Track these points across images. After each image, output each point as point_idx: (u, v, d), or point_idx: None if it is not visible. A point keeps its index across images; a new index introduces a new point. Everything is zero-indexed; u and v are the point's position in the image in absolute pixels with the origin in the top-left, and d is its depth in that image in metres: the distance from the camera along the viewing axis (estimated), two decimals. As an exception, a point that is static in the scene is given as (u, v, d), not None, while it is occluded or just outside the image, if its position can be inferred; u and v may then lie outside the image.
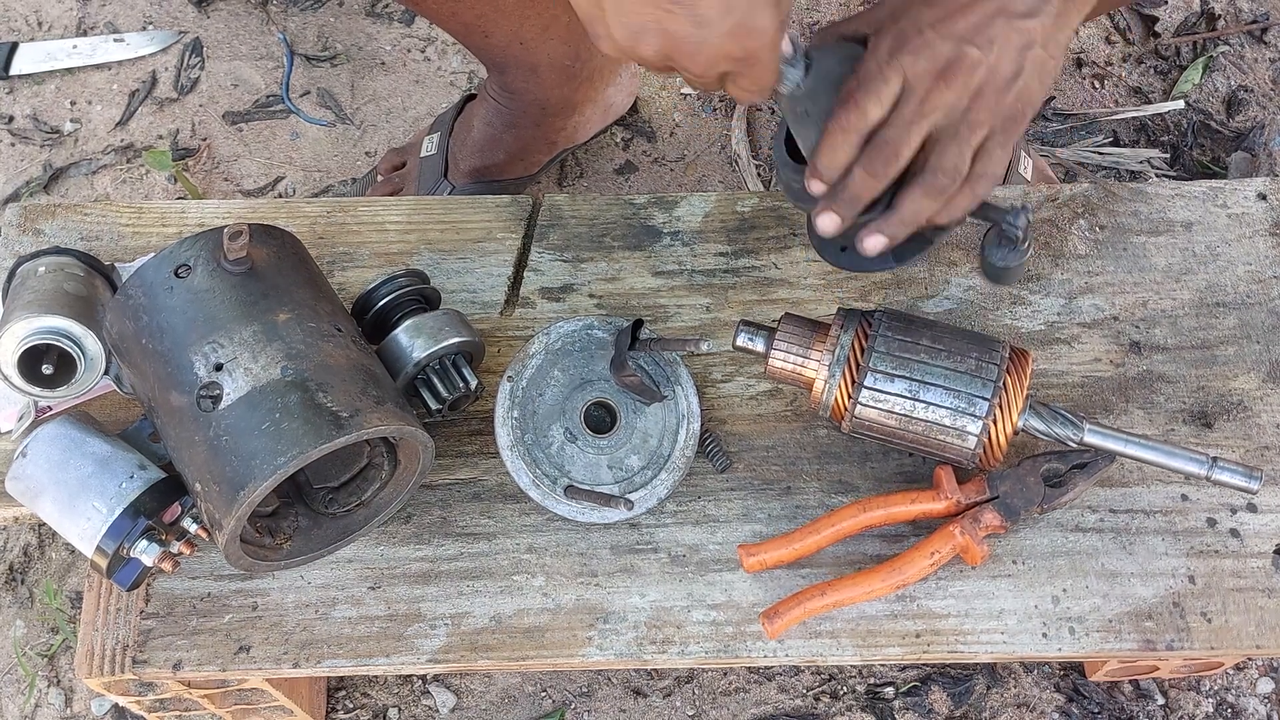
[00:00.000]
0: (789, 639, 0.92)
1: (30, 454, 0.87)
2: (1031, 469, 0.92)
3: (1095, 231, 1.04)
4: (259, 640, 0.92)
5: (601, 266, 1.04)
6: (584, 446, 0.96)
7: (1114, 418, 0.98)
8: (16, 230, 1.06)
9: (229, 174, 1.55)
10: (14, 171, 1.55)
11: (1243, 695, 1.29)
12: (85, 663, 0.92)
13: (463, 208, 1.07)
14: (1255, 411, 0.98)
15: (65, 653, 1.32)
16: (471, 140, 1.42)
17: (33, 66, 1.59)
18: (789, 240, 1.05)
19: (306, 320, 0.86)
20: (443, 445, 0.98)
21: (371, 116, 1.58)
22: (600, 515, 0.94)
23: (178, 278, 0.86)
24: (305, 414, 0.81)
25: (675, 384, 0.97)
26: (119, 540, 0.84)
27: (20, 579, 1.36)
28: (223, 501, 0.81)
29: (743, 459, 0.97)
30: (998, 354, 0.89)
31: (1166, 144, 1.54)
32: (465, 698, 1.30)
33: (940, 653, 0.92)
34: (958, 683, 1.29)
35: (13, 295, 0.93)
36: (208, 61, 1.61)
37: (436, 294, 0.97)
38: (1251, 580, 0.93)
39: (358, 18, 1.63)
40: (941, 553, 0.90)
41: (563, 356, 0.98)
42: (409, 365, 0.91)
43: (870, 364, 0.88)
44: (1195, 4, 1.61)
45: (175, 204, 1.08)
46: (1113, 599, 0.93)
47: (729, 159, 1.54)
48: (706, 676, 1.30)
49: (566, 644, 0.92)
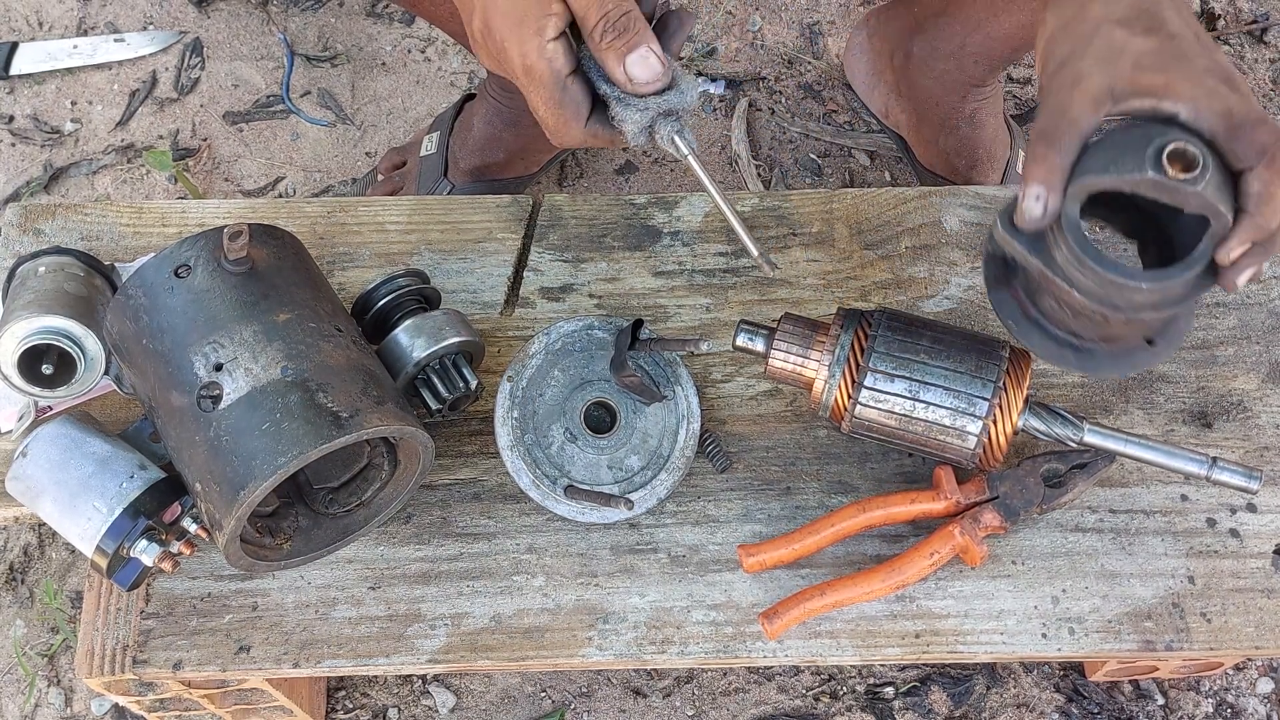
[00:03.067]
0: (789, 639, 0.92)
1: (30, 454, 0.87)
2: (1031, 469, 0.92)
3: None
4: (259, 640, 0.92)
5: (601, 267, 1.04)
6: (584, 446, 0.96)
7: (1114, 418, 0.98)
8: (17, 230, 1.06)
9: (229, 174, 1.55)
10: (14, 171, 1.56)
11: (1242, 695, 1.29)
12: (85, 663, 0.92)
13: (463, 208, 1.07)
14: (1255, 412, 0.98)
15: (65, 653, 1.32)
16: (472, 139, 1.42)
17: (33, 66, 1.59)
18: (789, 240, 1.05)
19: (307, 320, 0.86)
20: (443, 445, 0.98)
21: (372, 117, 1.58)
22: (600, 515, 0.94)
23: (178, 278, 0.86)
24: (305, 414, 0.81)
25: (675, 384, 0.97)
26: (119, 540, 0.84)
27: (20, 579, 1.36)
28: (223, 501, 0.81)
29: (742, 459, 0.98)
30: (998, 354, 0.89)
31: (1166, 144, 1.54)
32: (465, 698, 1.30)
33: (940, 653, 0.92)
34: (957, 683, 1.29)
35: (13, 295, 0.93)
36: (208, 61, 1.61)
37: (436, 294, 0.97)
38: (1251, 580, 0.93)
39: (358, 18, 1.63)
40: (941, 553, 0.90)
41: (563, 356, 0.98)
42: (409, 365, 0.91)
43: (870, 364, 0.88)
44: (1195, 4, 1.61)
45: (176, 204, 1.08)
46: (1112, 599, 0.93)
47: (729, 159, 1.54)
48: (706, 676, 1.30)
49: (566, 644, 0.92)
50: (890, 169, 1.54)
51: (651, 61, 0.77)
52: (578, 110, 0.80)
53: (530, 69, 0.78)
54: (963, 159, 1.41)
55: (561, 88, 0.79)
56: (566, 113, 0.80)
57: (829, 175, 1.54)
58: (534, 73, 0.78)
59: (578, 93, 0.80)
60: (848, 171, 1.54)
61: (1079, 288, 0.78)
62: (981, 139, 1.39)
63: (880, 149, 1.54)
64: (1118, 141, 0.77)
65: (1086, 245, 0.77)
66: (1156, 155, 0.75)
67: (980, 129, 1.38)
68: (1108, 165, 0.76)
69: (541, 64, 0.78)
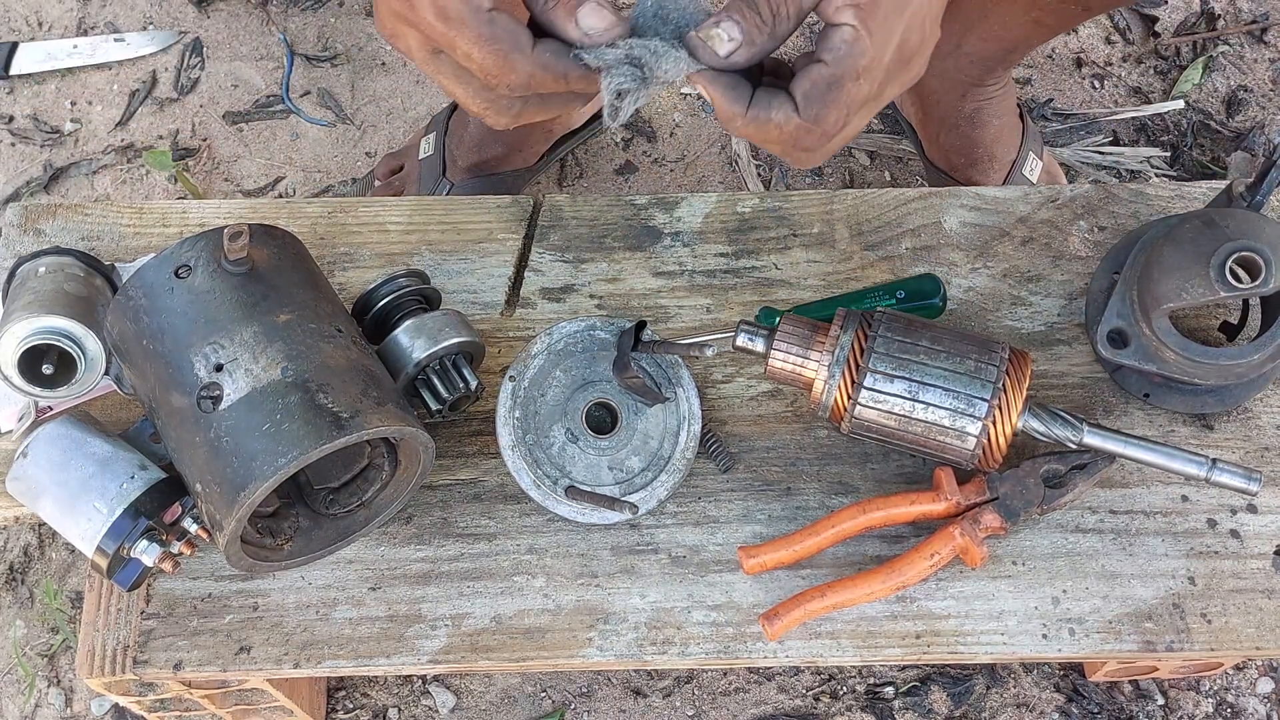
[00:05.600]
0: (789, 640, 0.92)
1: (31, 454, 0.87)
2: (1031, 470, 0.92)
3: (1095, 232, 1.04)
4: (259, 641, 0.92)
5: (602, 267, 1.04)
6: (585, 447, 0.96)
7: (1114, 419, 0.98)
8: (17, 230, 1.06)
9: (229, 174, 1.55)
10: (14, 171, 1.56)
11: (1242, 695, 1.29)
12: (86, 663, 0.92)
13: (464, 208, 1.07)
14: (1255, 413, 0.98)
15: (65, 653, 1.32)
16: (468, 136, 1.42)
17: (33, 66, 1.59)
18: (789, 241, 1.05)
19: (307, 321, 0.86)
20: (443, 446, 0.98)
21: (372, 117, 1.58)
22: (601, 516, 0.94)
23: (178, 278, 0.86)
24: (306, 415, 0.81)
25: (677, 385, 0.97)
26: (119, 541, 0.84)
27: (20, 579, 1.36)
28: (223, 502, 0.81)
29: (743, 460, 0.97)
30: (997, 355, 0.89)
31: (1166, 144, 1.54)
32: (465, 698, 1.30)
33: (940, 654, 0.92)
34: (957, 683, 1.29)
35: (13, 295, 0.93)
36: (208, 61, 1.61)
37: (437, 294, 0.97)
38: (1252, 581, 0.93)
39: (358, 18, 1.63)
40: (941, 554, 0.90)
41: (565, 357, 0.98)
42: (409, 366, 0.91)
43: (870, 364, 0.88)
44: (1195, 4, 1.61)
45: (176, 204, 1.08)
46: (1113, 600, 0.93)
47: (729, 159, 1.54)
48: (706, 677, 1.30)
49: (567, 645, 0.92)
50: (890, 169, 1.54)
51: (604, 11, 0.67)
52: (514, 38, 0.67)
53: (443, 9, 0.67)
54: (962, 157, 1.41)
55: (487, 19, 0.67)
56: (502, 43, 0.67)
57: (829, 175, 1.54)
58: (448, 12, 0.67)
59: (507, 20, 0.67)
60: (848, 171, 1.54)
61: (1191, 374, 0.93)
62: (982, 138, 1.39)
63: (880, 149, 1.54)
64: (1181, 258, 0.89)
65: (1187, 345, 0.91)
66: (1221, 269, 0.86)
67: (981, 128, 1.38)
68: (1181, 292, 0.88)
69: (454, 0, 0.67)
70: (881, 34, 0.68)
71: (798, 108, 0.69)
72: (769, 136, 0.70)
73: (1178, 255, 0.89)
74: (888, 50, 0.69)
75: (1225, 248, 0.87)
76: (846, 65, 0.68)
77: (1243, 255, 0.86)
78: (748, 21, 0.67)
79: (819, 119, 0.69)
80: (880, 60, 0.69)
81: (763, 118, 0.69)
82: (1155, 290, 0.90)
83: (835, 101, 0.69)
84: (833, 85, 0.68)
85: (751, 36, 0.67)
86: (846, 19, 0.68)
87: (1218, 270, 0.86)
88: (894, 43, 0.69)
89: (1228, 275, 0.86)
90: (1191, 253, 0.88)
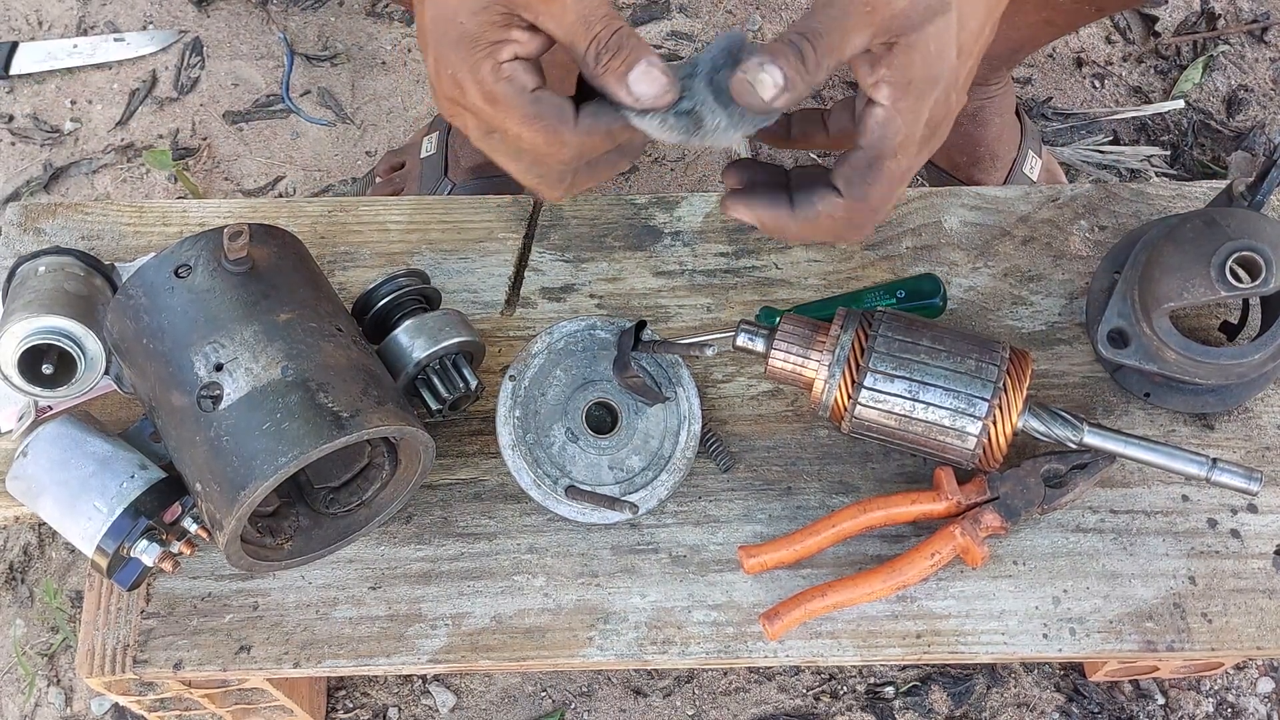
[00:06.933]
0: (790, 639, 0.92)
1: (31, 453, 0.87)
2: (1032, 470, 0.92)
3: (1096, 232, 1.04)
4: (260, 640, 0.92)
5: (602, 267, 1.04)
6: (585, 447, 0.96)
7: (1114, 418, 0.98)
8: (17, 229, 1.06)
9: (229, 173, 1.55)
10: (14, 171, 1.55)
11: (1243, 695, 1.29)
12: (86, 662, 0.92)
13: (464, 208, 1.07)
14: (1256, 412, 0.98)
15: (65, 652, 1.32)
16: None
17: (33, 66, 1.59)
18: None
19: (307, 320, 0.86)
20: (443, 445, 0.98)
21: (372, 116, 1.58)
22: (601, 516, 0.94)
23: (178, 278, 0.86)
24: (306, 414, 0.81)
25: (677, 385, 0.97)
26: (119, 540, 0.84)
27: (20, 579, 1.36)
28: (223, 502, 0.81)
29: (743, 459, 0.97)
30: (997, 355, 0.89)
31: (1167, 143, 1.54)
32: (465, 697, 1.30)
33: (941, 653, 0.92)
34: (958, 682, 1.29)
35: (13, 295, 0.93)
36: (208, 61, 1.61)
37: (437, 294, 0.97)
38: (1252, 581, 0.93)
39: (358, 17, 1.63)
40: (942, 554, 0.90)
41: (565, 356, 0.98)
42: (409, 365, 0.91)
43: (870, 364, 0.88)
44: (1195, 4, 1.61)
45: (176, 203, 1.08)
46: (1113, 600, 0.93)
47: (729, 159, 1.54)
48: (706, 676, 1.30)
49: (567, 644, 0.92)
50: (891, 169, 1.54)
51: (655, 75, 0.69)
52: (560, 113, 0.70)
53: (491, 94, 0.69)
54: (965, 155, 1.41)
55: (532, 99, 0.70)
56: (547, 120, 0.70)
57: (829, 175, 1.54)
58: (496, 96, 0.69)
59: (551, 97, 0.70)
60: (848, 171, 1.54)
61: (1192, 374, 0.93)
62: (984, 137, 1.39)
63: (881, 148, 1.54)
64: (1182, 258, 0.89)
65: (1188, 344, 0.91)
66: (1221, 268, 0.87)
67: (983, 127, 1.38)
68: (1182, 291, 0.88)
69: (501, 85, 0.69)
70: (913, 112, 0.71)
71: (840, 192, 0.73)
72: (821, 228, 0.75)
73: (1178, 255, 0.89)
74: (919, 126, 0.72)
75: (1226, 247, 0.87)
76: (884, 145, 0.72)
77: (1243, 255, 0.87)
78: (790, 67, 0.68)
79: (865, 197, 0.73)
80: (913, 136, 0.72)
81: (812, 213, 0.74)
82: (1156, 290, 0.90)
83: (877, 179, 0.73)
84: (872, 165, 0.72)
85: (793, 81, 0.68)
86: (881, 98, 0.70)
87: (1218, 270, 0.87)
88: (924, 118, 0.72)
89: (1228, 275, 0.87)
90: (1192, 252, 0.89)
